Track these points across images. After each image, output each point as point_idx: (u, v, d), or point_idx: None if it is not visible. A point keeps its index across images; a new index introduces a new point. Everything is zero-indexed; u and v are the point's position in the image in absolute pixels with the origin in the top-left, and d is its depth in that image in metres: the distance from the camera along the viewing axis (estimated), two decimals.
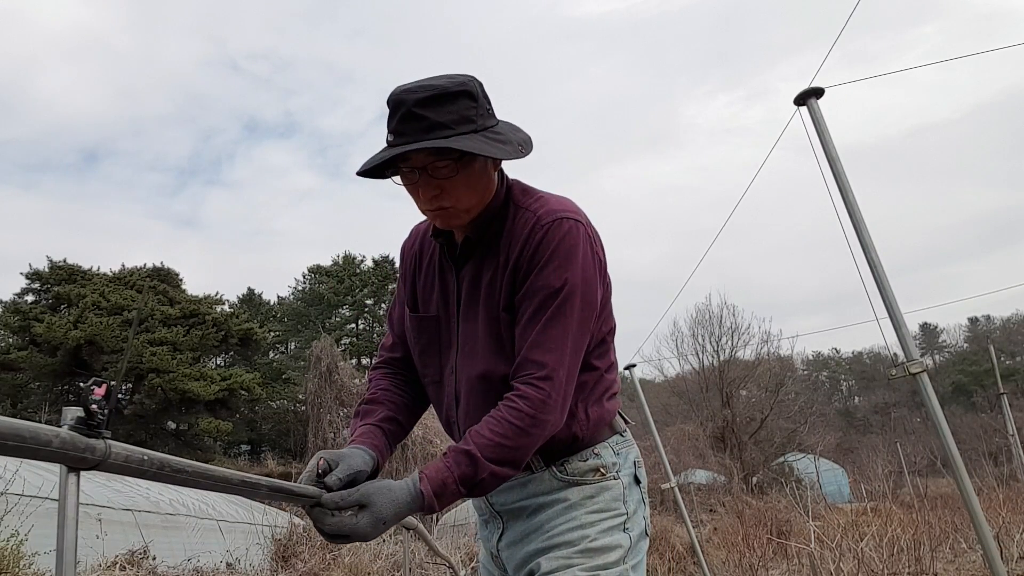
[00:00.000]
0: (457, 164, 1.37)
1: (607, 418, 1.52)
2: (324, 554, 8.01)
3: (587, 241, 1.41)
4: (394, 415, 1.57)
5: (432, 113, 1.33)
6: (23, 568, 5.23)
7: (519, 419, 1.33)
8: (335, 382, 21.19)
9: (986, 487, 9.30)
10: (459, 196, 1.40)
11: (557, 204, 1.45)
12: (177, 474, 0.97)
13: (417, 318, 1.59)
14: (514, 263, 1.42)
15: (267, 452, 37.06)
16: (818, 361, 59.12)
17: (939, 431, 2.91)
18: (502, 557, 1.55)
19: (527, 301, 1.39)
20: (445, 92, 1.35)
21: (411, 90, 1.36)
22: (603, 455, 1.50)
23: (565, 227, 1.40)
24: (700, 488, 19.37)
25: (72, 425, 0.81)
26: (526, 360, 1.37)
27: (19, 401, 30.23)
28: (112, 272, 33.04)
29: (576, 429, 1.46)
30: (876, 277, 3.03)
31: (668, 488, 6.56)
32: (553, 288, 1.37)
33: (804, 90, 3.10)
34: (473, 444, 1.32)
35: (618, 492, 1.48)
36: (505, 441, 1.32)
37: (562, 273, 1.37)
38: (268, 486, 1.19)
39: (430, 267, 1.60)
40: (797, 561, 6.72)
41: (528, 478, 1.49)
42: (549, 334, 1.36)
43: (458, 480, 1.31)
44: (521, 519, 1.51)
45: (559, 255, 1.38)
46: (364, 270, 44.97)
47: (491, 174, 1.46)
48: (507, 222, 1.46)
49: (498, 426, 1.33)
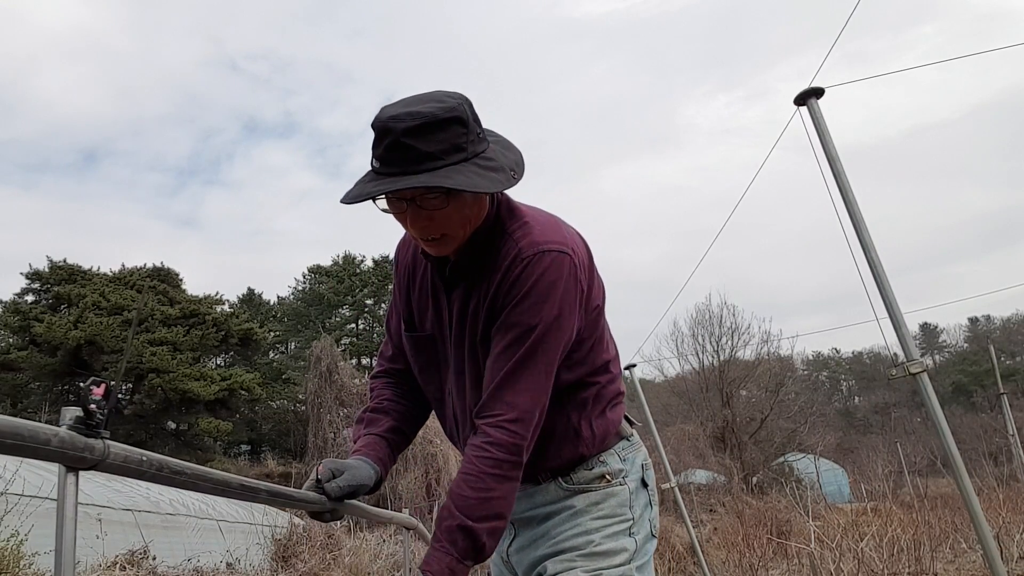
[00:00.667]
0: (447, 196, 1.32)
1: (612, 428, 1.53)
2: (324, 554, 8.01)
3: (571, 275, 1.37)
4: (399, 425, 1.58)
5: (421, 144, 1.27)
6: (23, 568, 5.23)
7: (496, 467, 1.32)
8: (335, 382, 21.19)
9: (986, 487, 9.30)
10: (450, 226, 1.36)
11: (540, 234, 1.39)
12: (175, 476, 0.97)
13: (414, 338, 1.58)
14: (493, 294, 1.39)
15: (267, 452, 37.05)
16: (818, 361, 59.12)
17: (939, 431, 2.91)
18: (512, 562, 1.59)
19: (500, 335, 1.38)
20: (434, 120, 1.27)
21: (398, 117, 1.28)
22: (609, 462, 1.51)
23: (546, 262, 1.35)
24: (700, 488, 19.37)
25: (71, 425, 0.81)
26: (496, 399, 1.35)
27: (19, 401, 30.22)
28: (112, 272, 33.04)
29: (583, 449, 1.49)
30: (876, 277, 3.03)
31: (668, 488, 6.57)
32: (528, 326, 1.35)
33: (804, 90, 3.10)
34: (459, 514, 1.31)
35: (624, 498, 1.50)
36: (490, 495, 1.32)
37: (538, 311, 1.34)
38: (267, 491, 1.19)
39: (423, 284, 1.57)
40: (797, 561, 6.72)
41: (535, 489, 1.52)
42: (520, 375, 1.34)
43: (460, 557, 1.31)
44: (530, 527, 1.54)
45: (537, 292, 1.35)
46: (364, 270, 44.97)
47: (483, 202, 1.41)
48: (493, 248, 1.42)
49: (478, 481, 1.32)
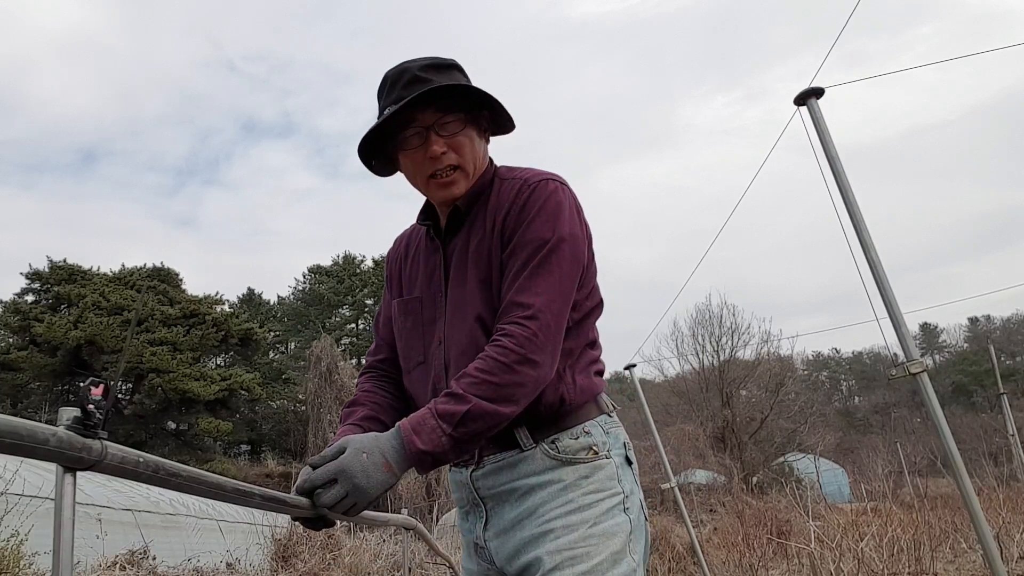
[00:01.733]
0: (465, 119, 1.44)
1: (594, 391, 1.47)
2: (324, 554, 8.01)
3: (572, 201, 1.44)
4: (374, 414, 1.53)
5: (436, 77, 1.41)
6: (23, 568, 5.23)
7: (503, 355, 1.28)
8: (335, 382, 21.21)
9: (986, 487, 9.28)
10: (464, 154, 1.44)
11: (543, 171, 1.49)
12: (171, 478, 0.97)
13: (401, 301, 1.59)
14: (501, 224, 1.42)
15: (267, 452, 37.06)
16: (818, 361, 59.14)
17: (939, 431, 2.90)
18: (489, 548, 1.45)
19: (515, 256, 1.38)
20: (443, 62, 1.46)
21: (412, 61, 1.45)
22: (593, 433, 1.43)
23: (551, 187, 1.43)
24: (700, 488, 19.38)
25: (69, 425, 0.81)
26: (511, 303, 1.34)
27: (19, 401, 30.24)
28: (112, 272, 33.07)
29: (563, 391, 1.41)
30: (876, 277, 3.03)
31: (668, 488, 6.56)
32: (542, 239, 1.36)
33: (804, 90, 3.09)
34: (455, 383, 1.28)
35: (611, 471, 1.42)
36: (490, 377, 1.26)
37: (551, 226, 1.37)
38: (261, 495, 1.18)
39: (416, 256, 1.61)
40: (797, 561, 6.71)
41: (518, 457, 1.42)
42: (536, 280, 1.34)
43: (437, 414, 1.24)
44: (510, 503, 1.42)
45: (547, 211, 1.39)
46: (364, 270, 45.01)
47: (485, 146, 1.52)
48: (492, 195, 1.48)
49: (482, 363, 1.28)
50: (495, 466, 1.44)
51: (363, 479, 1.20)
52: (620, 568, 1.34)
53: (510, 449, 1.43)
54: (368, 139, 1.46)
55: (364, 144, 1.47)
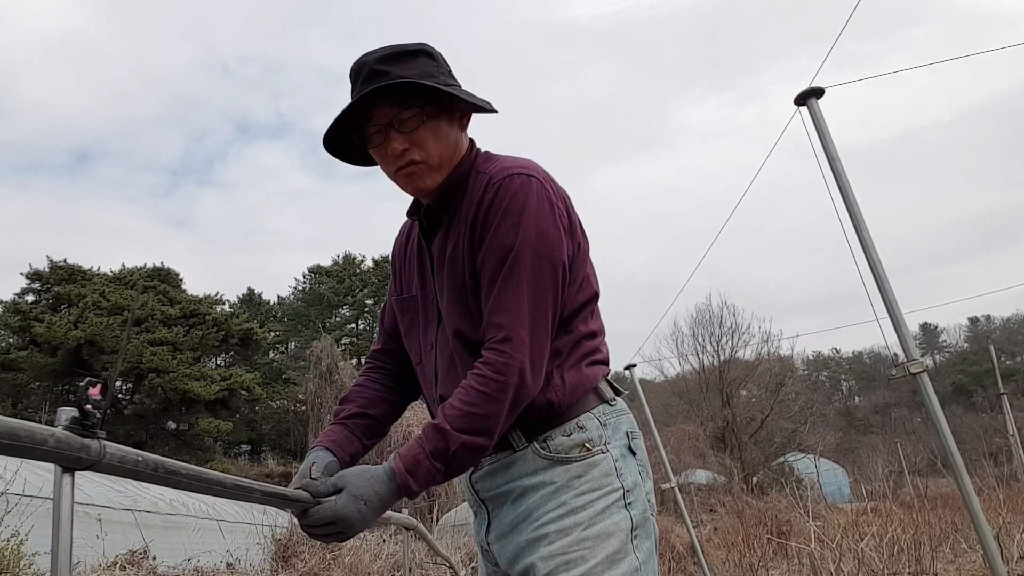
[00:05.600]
0: (423, 114, 1.38)
1: (587, 384, 1.42)
2: (324, 554, 8.01)
3: (541, 195, 1.37)
4: (362, 410, 1.55)
5: (394, 68, 1.36)
6: (23, 568, 5.24)
7: (484, 385, 1.28)
8: (335, 382, 21.21)
9: (986, 487, 9.28)
10: (428, 149, 1.40)
11: (511, 162, 1.42)
12: (171, 476, 0.97)
13: (399, 300, 1.59)
14: (470, 226, 1.39)
15: (267, 452, 37.10)
16: (818, 361, 59.14)
17: (939, 431, 2.90)
18: (492, 551, 1.45)
19: (485, 264, 1.36)
20: (404, 51, 1.40)
21: (370, 52, 1.40)
22: (588, 427, 1.39)
23: (516, 183, 1.37)
24: (700, 488, 19.37)
25: (67, 425, 0.81)
26: (487, 324, 1.34)
27: (19, 401, 30.24)
28: (112, 272, 33.06)
29: (551, 395, 1.38)
30: (876, 277, 3.03)
31: (668, 488, 6.56)
32: (506, 247, 1.33)
33: (805, 90, 3.10)
34: (442, 417, 1.29)
35: (608, 466, 1.38)
36: (473, 409, 1.27)
37: (514, 231, 1.34)
38: (261, 490, 1.18)
39: (411, 252, 1.60)
40: (797, 561, 6.71)
41: (511, 458, 1.40)
42: (504, 295, 1.32)
43: (429, 454, 1.27)
44: (507, 505, 1.42)
45: (512, 212, 1.35)
46: (364, 270, 45.01)
47: (459, 133, 1.46)
48: (468, 190, 1.44)
49: (465, 395, 1.29)
50: (491, 468, 1.44)
51: (360, 524, 1.27)
52: (619, 568, 1.32)
53: (504, 450, 1.42)
54: (333, 136, 1.45)
55: (331, 140, 1.46)
